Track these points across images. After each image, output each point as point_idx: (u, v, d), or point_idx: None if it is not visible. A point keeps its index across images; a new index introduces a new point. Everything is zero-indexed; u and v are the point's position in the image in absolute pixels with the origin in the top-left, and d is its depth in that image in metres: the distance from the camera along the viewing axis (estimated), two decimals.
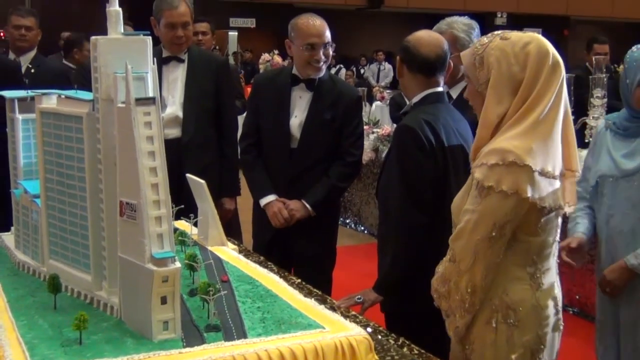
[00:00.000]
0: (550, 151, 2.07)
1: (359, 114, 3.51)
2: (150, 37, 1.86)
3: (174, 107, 3.71)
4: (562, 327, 2.25)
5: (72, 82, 4.44)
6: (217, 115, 3.81)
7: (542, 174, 2.04)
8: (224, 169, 3.81)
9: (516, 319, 2.14)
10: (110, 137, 1.80)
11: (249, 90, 3.96)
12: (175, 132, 3.68)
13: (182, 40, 3.69)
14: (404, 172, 2.66)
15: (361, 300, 2.72)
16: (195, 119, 3.72)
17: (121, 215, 1.74)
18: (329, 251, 3.56)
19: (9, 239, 2.46)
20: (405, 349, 1.98)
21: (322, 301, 2.11)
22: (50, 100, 2.08)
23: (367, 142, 6.88)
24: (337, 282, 3.63)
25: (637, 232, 2.75)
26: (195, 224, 2.54)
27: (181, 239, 2.39)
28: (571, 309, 4.91)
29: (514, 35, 2.16)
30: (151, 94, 1.74)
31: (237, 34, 17.85)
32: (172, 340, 1.69)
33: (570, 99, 4.76)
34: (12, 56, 4.54)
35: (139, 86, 1.73)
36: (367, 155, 6.75)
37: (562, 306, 2.24)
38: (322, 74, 3.39)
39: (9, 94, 2.34)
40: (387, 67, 16.81)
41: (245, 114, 3.72)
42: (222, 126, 3.82)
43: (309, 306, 1.92)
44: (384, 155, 6.26)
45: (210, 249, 2.44)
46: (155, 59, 1.85)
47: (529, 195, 2.03)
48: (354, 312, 2.22)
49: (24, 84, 4.12)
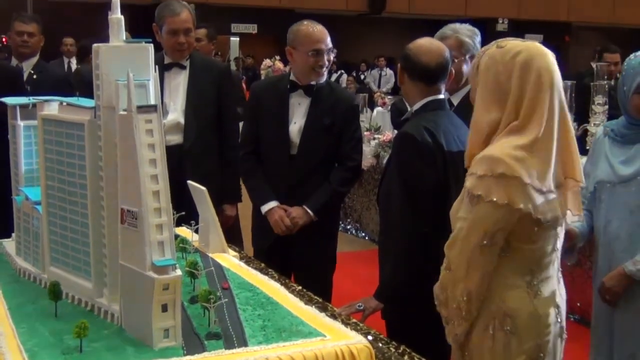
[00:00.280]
0: (543, 161, 2.06)
1: (356, 119, 3.54)
2: (152, 44, 1.87)
3: (176, 114, 3.71)
4: (565, 336, 2.24)
5: (74, 88, 4.44)
6: (219, 121, 3.81)
7: (534, 185, 2.04)
8: (226, 176, 3.81)
9: (514, 327, 2.14)
10: (111, 144, 1.80)
11: None
12: (176, 139, 3.68)
13: (184, 46, 3.70)
14: (404, 180, 2.66)
15: (362, 307, 2.72)
16: (196, 125, 3.72)
17: (122, 222, 1.74)
18: (329, 257, 3.56)
19: (9, 245, 2.46)
20: (406, 357, 1.97)
21: (322, 309, 2.11)
22: (51, 107, 2.08)
23: (368, 148, 6.87)
24: (338, 288, 3.62)
25: (634, 237, 2.75)
26: (196, 231, 2.54)
27: (182, 245, 2.39)
28: (572, 316, 4.89)
29: (510, 44, 2.15)
30: (153, 102, 1.74)
31: (238, 39, 17.87)
32: (173, 348, 1.69)
33: (571, 106, 4.79)
34: (14, 62, 4.55)
35: (141, 94, 1.74)
36: (368, 161, 6.75)
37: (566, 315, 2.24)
38: (323, 79, 3.41)
39: (10, 100, 2.34)
40: (388, 72, 16.79)
41: (242, 122, 3.73)
42: (224, 133, 3.82)
43: (309, 314, 1.92)
44: (385, 161, 6.27)
45: (211, 255, 2.44)
46: (157, 65, 1.85)
47: (521, 206, 2.03)
48: (354, 320, 2.21)
49: (26, 90, 4.12)
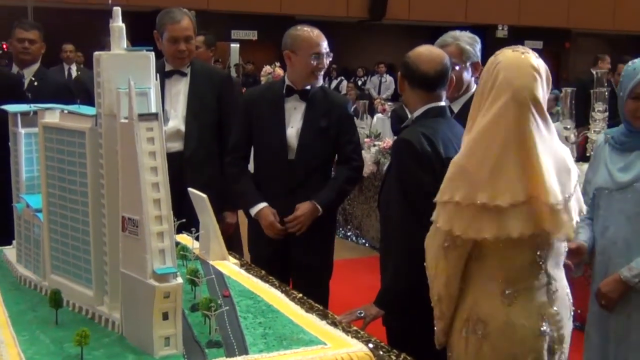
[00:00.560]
0: (481, 178, 2.09)
1: (353, 122, 3.60)
2: (153, 52, 1.87)
3: (176, 121, 3.72)
4: (565, 351, 2.23)
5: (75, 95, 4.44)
6: (219, 129, 3.81)
7: (493, 207, 2.07)
8: (226, 183, 3.81)
9: (485, 332, 2.18)
10: (112, 152, 1.81)
11: None
12: (177, 146, 3.69)
13: (184, 54, 3.71)
14: (402, 186, 2.66)
15: (363, 315, 2.71)
16: (197, 132, 3.73)
17: (123, 230, 1.74)
18: (326, 262, 3.57)
19: (10, 253, 2.46)
20: None
21: (323, 317, 2.11)
22: (53, 115, 2.08)
23: (369, 155, 6.88)
24: (338, 295, 3.62)
25: (630, 243, 2.77)
26: (196, 238, 2.54)
27: (183, 253, 2.39)
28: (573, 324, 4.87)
29: (505, 51, 2.19)
30: (154, 110, 1.74)
31: (238, 46, 17.88)
32: (174, 356, 1.69)
33: (571, 113, 4.79)
34: (15, 69, 4.55)
35: (142, 102, 1.74)
36: (368, 168, 6.75)
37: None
38: (320, 82, 3.46)
39: (12, 108, 2.34)
40: (388, 79, 16.78)
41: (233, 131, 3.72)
42: (224, 140, 3.82)
43: (310, 322, 1.92)
44: (385, 167, 6.27)
45: (211, 263, 2.44)
46: (157, 72, 1.85)
47: (450, 228, 2.12)
48: (355, 328, 2.21)
49: (26, 97, 4.12)
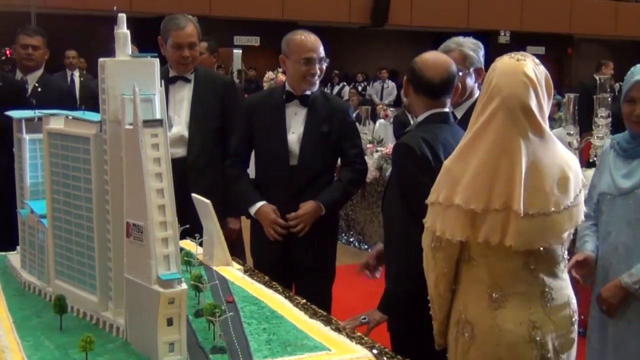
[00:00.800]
0: (471, 183, 2.14)
1: (355, 127, 3.61)
2: (157, 58, 1.88)
3: (180, 127, 3.73)
4: None
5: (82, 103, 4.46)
6: (222, 134, 3.82)
7: (467, 211, 2.13)
8: (229, 189, 3.81)
9: (472, 334, 2.21)
10: (117, 158, 1.81)
11: None
12: (180, 152, 3.69)
13: (188, 60, 3.71)
14: (403, 190, 2.66)
15: (366, 320, 2.70)
16: (200, 138, 3.73)
17: (128, 236, 1.75)
18: (329, 268, 3.57)
19: (14, 258, 2.47)
20: None
21: (327, 322, 2.10)
22: (57, 121, 2.09)
23: (371, 161, 6.87)
24: (341, 301, 3.61)
25: (631, 249, 2.77)
26: (200, 244, 2.54)
27: (186, 259, 2.39)
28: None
29: (503, 57, 2.22)
30: (159, 116, 1.75)
31: (241, 52, 17.91)
32: None
33: (574, 118, 4.78)
34: (19, 75, 4.57)
35: (147, 108, 1.75)
36: (371, 173, 6.74)
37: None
38: (316, 88, 3.45)
39: (16, 114, 2.35)
40: (390, 85, 16.75)
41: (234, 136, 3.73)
42: (228, 146, 3.83)
43: (314, 328, 1.92)
44: (387, 173, 6.27)
45: (215, 269, 2.44)
46: (161, 79, 1.86)
47: (450, 237, 2.16)
48: (359, 334, 2.21)
49: (29, 103, 4.14)
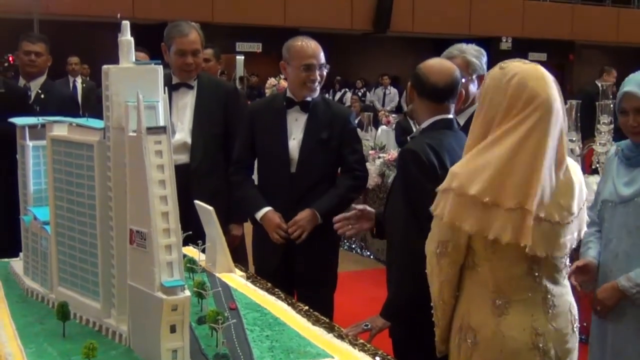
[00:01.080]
0: (505, 176, 2.08)
1: (356, 133, 3.61)
2: (161, 65, 1.88)
3: (183, 134, 3.73)
4: None
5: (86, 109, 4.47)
6: (226, 141, 3.82)
7: (482, 203, 2.06)
8: (232, 196, 3.82)
9: (474, 341, 2.19)
10: (120, 165, 1.81)
11: None
12: (183, 158, 3.70)
13: (191, 67, 3.72)
14: (407, 196, 2.66)
15: (369, 327, 2.70)
16: (203, 145, 3.74)
17: (131, 243, 1.75)
18: (331, 274, 3.56)
19: (17, 265, 2.47)
20: None
21: (330, 329, 2.10)
22: (61, 128, 2.09)
23: (373, 167, 6.87)
24: (343, 307, 3.61)
25: (631, 256, 2.78)
26: (203, 251, 2.54)
27: (189, 266, 2.39)
28: (580, 337, 4.85)
29: (511, 65, 2.18)
30: (162, 123, 1.75)
31: (243, 58, 17.94)
32: None
33: (576, 125, 4.78)
34: (22, 81, 4.57)
35: (150, 115, 1.75)
36: (373, 180, 6.75)
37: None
38: (316, 94, 3.46)
39: (20, 121, 2.35)
40: (392, 91, 16.75)
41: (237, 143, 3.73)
42: (230, 153, 3.83)
43: (317, 335, 1.92)
44: (390, 179, 6.27)
45: (218, 275, 2.44)
46: (165, 85, 1.86)
47: (464, 225, 2.10)
48: (362, 340, 2.20)
49: (32, 109, 4.15)
